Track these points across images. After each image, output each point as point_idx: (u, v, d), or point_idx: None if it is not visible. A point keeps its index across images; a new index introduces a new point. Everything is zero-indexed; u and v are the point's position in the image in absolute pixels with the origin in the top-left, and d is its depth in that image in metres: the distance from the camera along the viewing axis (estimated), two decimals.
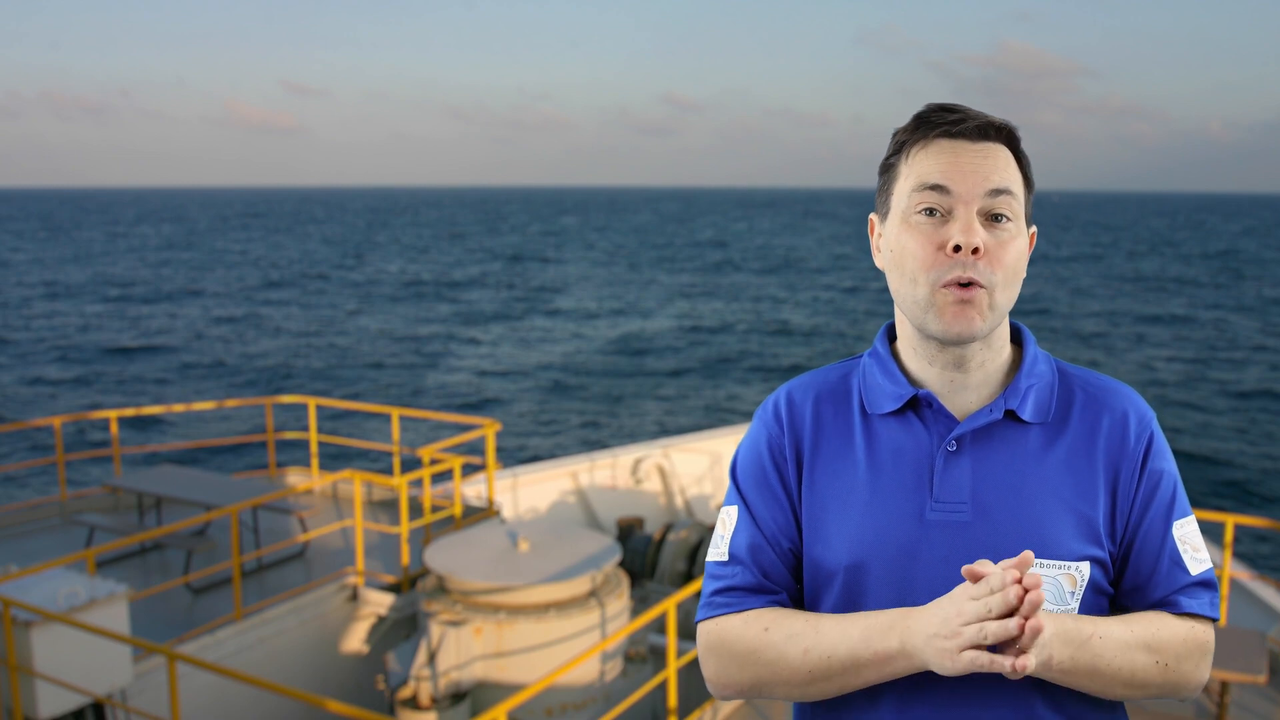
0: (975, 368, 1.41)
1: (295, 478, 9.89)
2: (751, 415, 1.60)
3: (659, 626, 7.18)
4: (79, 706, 5.59)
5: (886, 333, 1.51)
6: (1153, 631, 1.33)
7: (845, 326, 36.37)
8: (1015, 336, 1.48)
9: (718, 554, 1.47)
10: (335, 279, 52.08)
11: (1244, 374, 27.19)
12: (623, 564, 8.38)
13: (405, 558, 7.23)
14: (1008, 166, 1.36)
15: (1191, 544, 1.40)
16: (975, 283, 1.32)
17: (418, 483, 8.96)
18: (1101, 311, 39.59)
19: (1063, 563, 1.34)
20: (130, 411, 9.61)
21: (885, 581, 1.36)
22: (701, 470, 10.77)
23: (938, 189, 1.34)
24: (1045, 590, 1.31)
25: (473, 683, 6.38)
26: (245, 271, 55.36)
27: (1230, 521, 6.14)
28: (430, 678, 6.23)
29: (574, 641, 6.49)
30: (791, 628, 1.36)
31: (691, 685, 6.51)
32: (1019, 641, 1.20)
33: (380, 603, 7.16)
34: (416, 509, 8.53)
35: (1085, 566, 1.35)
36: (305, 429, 15.90)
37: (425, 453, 8.05)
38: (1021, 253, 1.37)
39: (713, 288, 49.13)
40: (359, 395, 23.53)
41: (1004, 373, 1.44)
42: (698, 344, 32.18)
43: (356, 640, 7.24)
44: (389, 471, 12.44)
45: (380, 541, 8.07)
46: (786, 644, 1.35)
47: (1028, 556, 1.20)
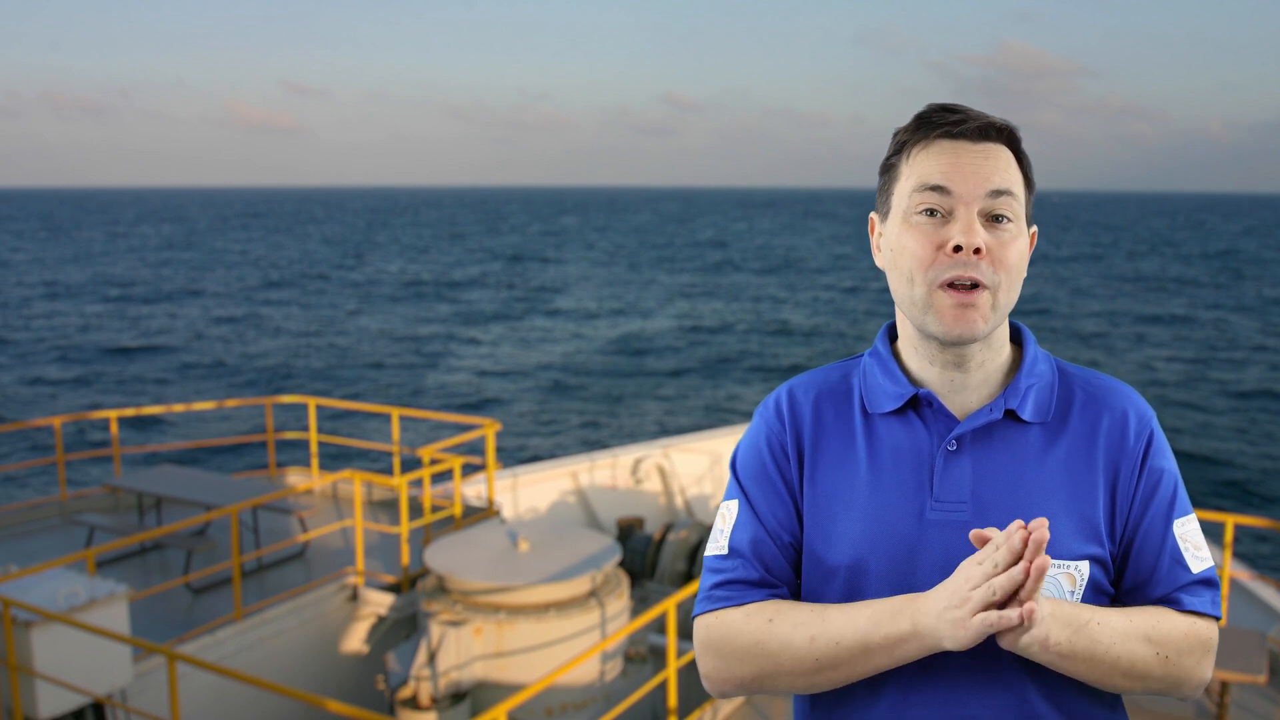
0: (975, 367, 1.41)
1: (295, 478, 9.89)
2: (751, 415, 1.59)
3: (659, 626, 7.18)
4: (79, 706, 5.59)
5: (887, 332, 1.51)
6: (1153, 623, 1.33)
7: (845, 326, 36.37)
8: (1015, 336, 1.48)
9: (717, 548, 1.45)
10: (335, 279, 52.08)
11: (1244, 374, 27.19)
12: (623, 564, 8.38)
13: (405, 558, 7.23)
14: (1009, 167, 1.36)
15: (1193, 542, 1.40)
16: (979, 283, 1.32)
17: (418, 483, 8.96)
18: (1101, 311, 39.59)
19: (1063, 562, 1.33)
20: (130, 411, 9.61)
21: (885, 580, 1.36)
22: (701, 470, 10.77)
23: (939, 190, 1.34)
24: (1045, 590, 1.31)
25: (473, 683, 6.38)
26: (245, 271, 55.37)
27: (1230, 521, 6.13)
28: (430, 678, 6.23)
29: (574, 641, 6.48)
30: (796, 617, 1.35)
31: (691, 685, 6.51)
32: (1024, 588, 1.19)
33: (380, 603, 7.16)
34: (416, 509, 8.53)
35: (1085, 566, 1.34)
36: (305, 429, 15.90)
37: (425, 453, 8.05)
38: (1023, 253, 1.38)
39: (713, 288, 49.13)
40: (359, 395, 23.53)
41: (1004, 372, 1.44)
42: (698, 344, 32.18)
43: (356, 640, 7.24)
44: (389, 471, 12.44)
45: (380, 541, 8.07)
46: (792, 633, 1.33)
47: (1042, 521, 1.20)
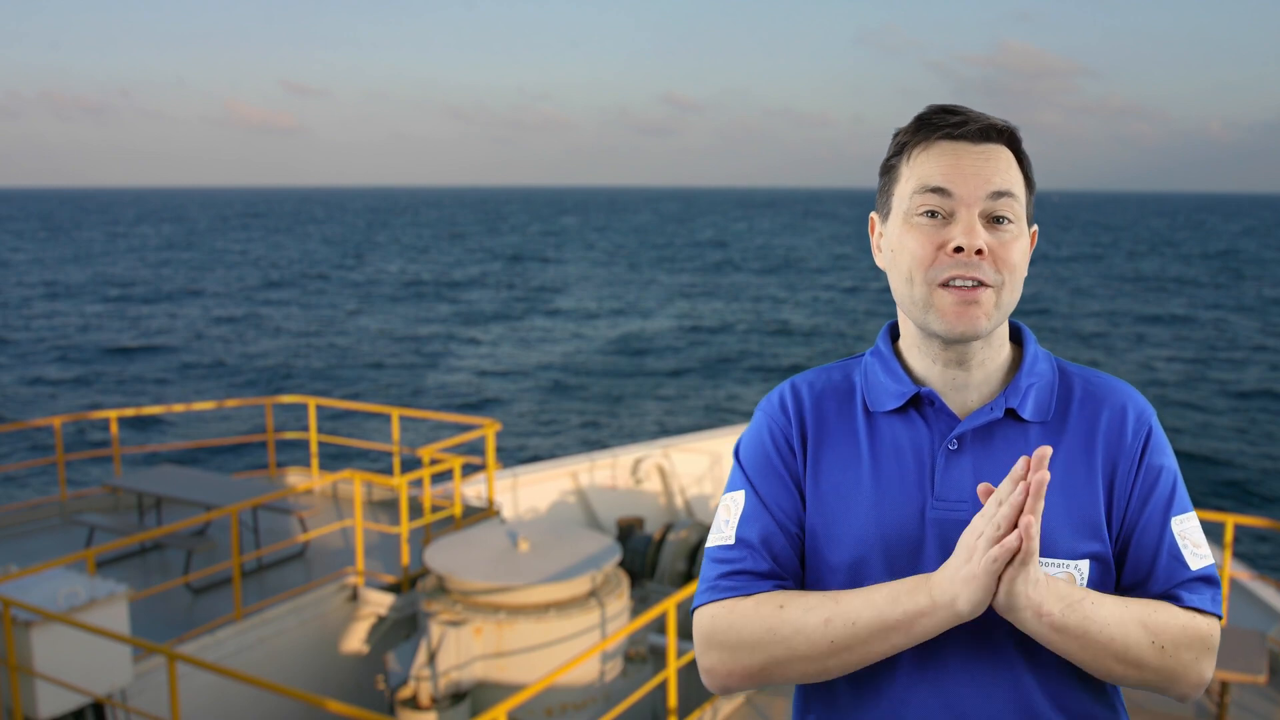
0: (977, 366, 1.41)
1: (295, 478, 9.89)
2: (751, 415, 1.58)
3: (659, 626, 7.18)
4: (79, 706, 5.59)
5: (889, 331, 1.51)
6: (1150, 611, 1.31)
7: (845, 326, 36.38)
8: (1015, 335, 1.49)
9: (723, 538, 1.42)
10: (335, 279, 52.08)
11: (1244, 374, 27.19)
12: (623, 564, 8.38)
13: (405, 558, 7.23)
14: (1009, 168, 1.36)
15: (1192, 540, 1.39)
16: (982, 282, 1.33)
17: (418, 483, 8.96)
18: (1101, 311, 39.59)
19: (1062, 561, 1.33)
20: (130, 411, 9.61)
21: (887, 579, 1.35)
22: (701, 470, 10.77)
23: (939, 191, 1.34)
24: None
25: (473, 683, 6.38)
26: (245, 271, 55.37)
27: (1230, 521, 6.13)
28: (430, 678, 6.23)
29: (574, 641, 6.48)
30: (808, 602, 1.33)
31: (691, 685, 6.51)
32: (1024, 506, 1.18)
33: (380, 603, 7.16)
34: (416, 509, 8.53)
35: (1085, 565, 1.34)
36: (305, 429, 15.90)
37: (425, 453, 8.04)
38: (1024, 253, 1.38)
39: (713, 288, 49.13)
40: (359, 395, 23.53)
41: (1004, 371, 1.44)
42: (698, 344, 32.18)
43: (356, 640, 7.24)
44: (389, 471, 12.44)
45: (380, 541, 8.07)
46: (805, 615, 1.32)
47: (1044, 450, 1.20)
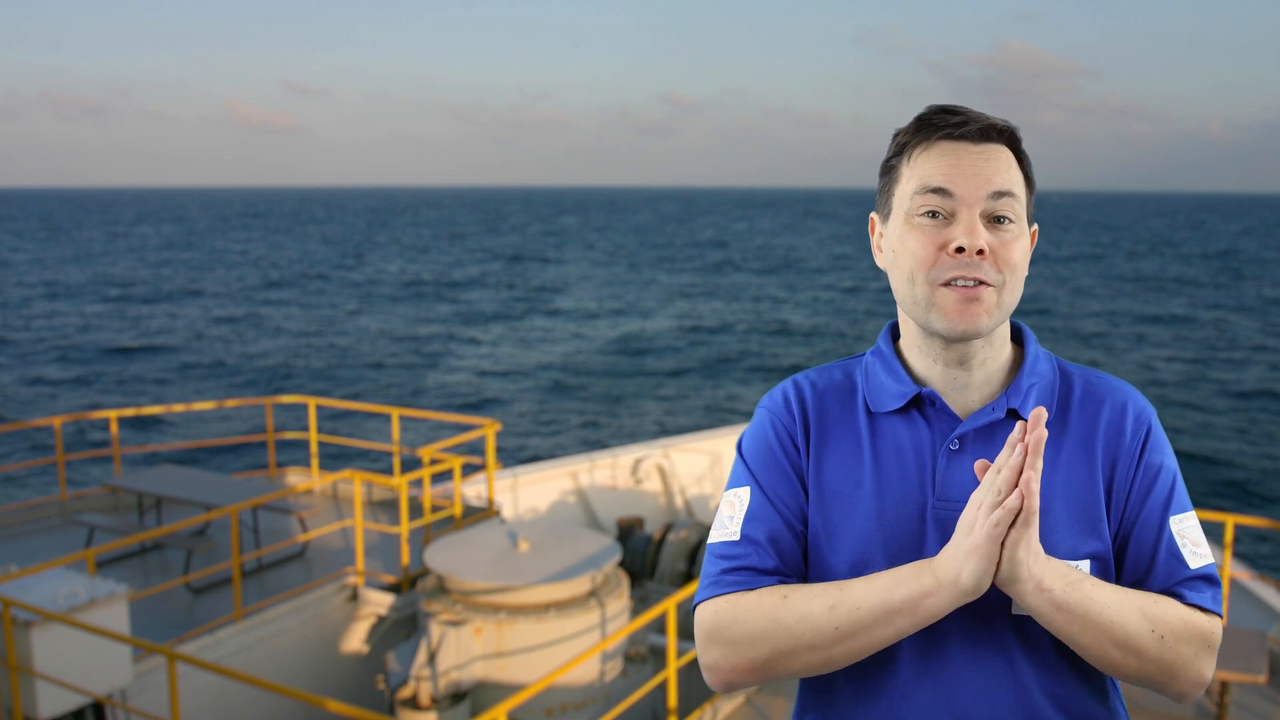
0: (978, 366, 1.41)
1: (295, 478, 9.89)
2: (751, 415, 1.57)
3: (659, 626, 7.18)
4: (79, 706, 5.59)
5: (890, 331, 1.51)
6: (1150, 601, 1.31)
7: (845, 326, 36.38)
8: (1016, 335, 1.48)
9: (727, 534, 1.41)
10: (335, 279, 52.09)
11: (1244, 374, 27.19)
12: (623, 564, 8.38)
13: (405, 558, 7.23)
14: (1009, 168, 1.37)
15: (1191, 539, 1.38)
16: (983, 282, 1.33)
17: (418, 483, 8.96)
18: (1101, 311, 39.60)
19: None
20: (130, 411, 9.61)
21: None
22: (701, 470, 10.77)
23: (940, 192, 1.34)
24: None
25: (473, 683, 6.38)
26: (245, 271, 55.37)
27: (1230, 521, 6.13)
28: (430, 678, 6.23)
29: (574, 641, 6.48)
30: (811, 590, 1.33)
31: (691, 685, 6.51)
32: (1024, 465, 1.19)
33: (380, 603, 7.16)
34: (416, 509, 8.53)
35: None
36: (305, 429, 15.90)
37: (425, 453, 8.04)
38: (1025, 252, 1.38)
39: (713, 288, 49.13)
40: (359, 395, 23.53)
41: (1006, 371, 1.44)
42: (698, 344, 32.18)
43: (356, 640, 7.24)
44: (389, 471, 12.44)
45: (380, 541, 8.07)
46: (810, 604, 1.31)
47: (1040, 411, 1.21)
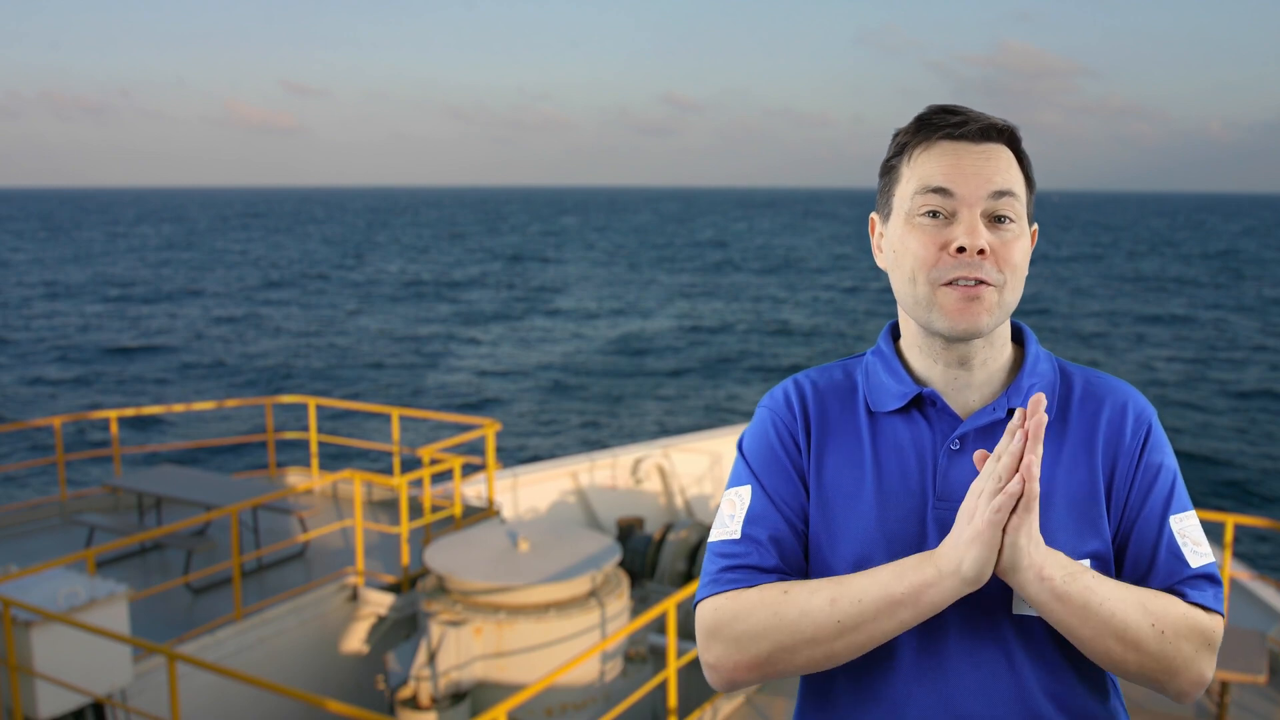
0: (979, 365, 1.41)
1: (295, 478, 9.89)
2: (751, 415, 1.57)
3: (659, 626, 7.18)
4: (79, 706, 5.59)
5: (890, 331, 1.51)
6: (1150, 596, 1.30)
7: (845, 326, 36.38)
8: (1016, 335, 1.48)
9: (728, 533, 1.41)
10: (335, 279, 52.08)
11: (1244, 374, 27.19)
12: (623, 564, 8.38)
13: (405, 558, 7.23)
14: (1010, 168, 1.36)
15: (1192, 538, 1.38)
16: (984, 281, 1.33)
17: (418, 483, 8.96)
18: (1101, 311, 39.59)
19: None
20: (130, 411, 9.61)
21: None
22: (701, 470, 10.77)
23: (941, 192, 1.34)
24: None
25: (473, 683, 6.38)
26: (245, 271, 55.36)
27: (1230, 521, 6.12)
28: (430, 678, 6.23)
29: (574, 641, 6.48)
30: (813, 585, 1.32)
31: (691, 685, 6.51)
32: (1024, 451, 1.20)
33: (380, 603, 7.16)
34: (416, 509, 8.53)
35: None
36: (305, 429, 15.90)
37: (425, 453, 8.04)
38: (1025, 252, 1.38)
39: (713, 288, 49.13)
40: (359, 395, 23.53)
41: (1006, 371, 1.44)
42: (698, 344, 32.18)
43: (356, 640, 7.24)
44: (389, 471, 12.44)
45: (380, 541, 8.07)
46: (811, 597, 1.30)
47: (1039, 397, 1.21)
